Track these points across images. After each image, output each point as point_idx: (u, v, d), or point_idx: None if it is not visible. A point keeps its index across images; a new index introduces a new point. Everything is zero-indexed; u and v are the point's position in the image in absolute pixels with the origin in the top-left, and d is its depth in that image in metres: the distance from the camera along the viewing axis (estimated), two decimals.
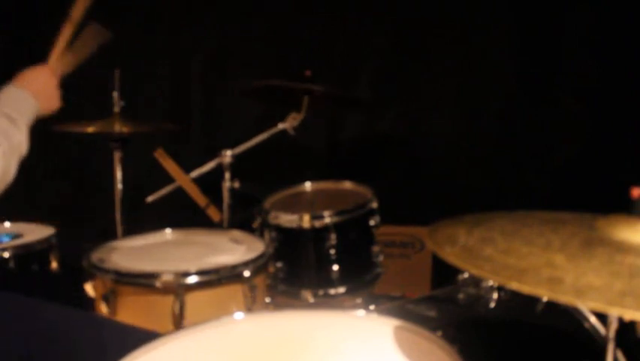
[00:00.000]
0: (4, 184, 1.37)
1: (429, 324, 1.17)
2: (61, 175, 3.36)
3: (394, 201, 2.51)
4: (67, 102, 1.67)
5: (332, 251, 2.21)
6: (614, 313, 0.80)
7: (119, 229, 2.60)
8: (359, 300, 2.29)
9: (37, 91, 1.53)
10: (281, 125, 2.47)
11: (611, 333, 1.02)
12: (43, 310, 1.41)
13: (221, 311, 1.50)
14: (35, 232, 2.25)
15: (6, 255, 2.11)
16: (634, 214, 0.93)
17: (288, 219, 2.23)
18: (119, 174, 2.58)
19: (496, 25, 3.18)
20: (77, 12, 1.69)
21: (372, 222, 2.30)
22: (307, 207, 2.33)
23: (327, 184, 2.55)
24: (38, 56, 1.63)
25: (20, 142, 1.41)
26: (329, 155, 3.43)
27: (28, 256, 2.17)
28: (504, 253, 0.89)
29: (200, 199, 2.53)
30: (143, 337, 1.10)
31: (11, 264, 2.12)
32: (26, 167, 1.45)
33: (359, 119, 3.38)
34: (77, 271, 1.80)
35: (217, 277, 1.70)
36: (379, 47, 3.32)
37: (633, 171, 2.69)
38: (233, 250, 1.90)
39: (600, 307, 0.75)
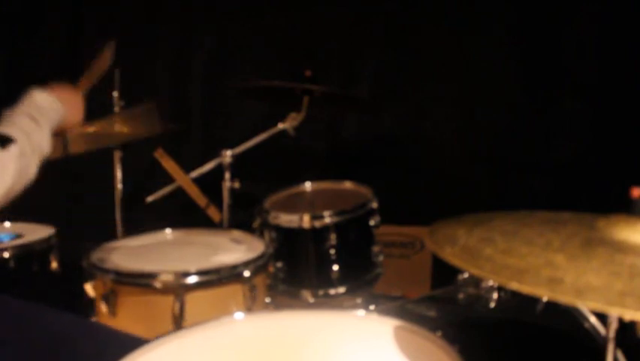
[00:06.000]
0: (23, 184, 1.38)
1: (429, 324, 1.17)
2: (61, 175, 3.36)
3: (394, 201, 2.51)
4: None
5: (332, 251, 2.21)
6: (614, 313, 0.80)
7: (119, 229, 2.60)
8: (359, 300, 2.29)
9: (63, 98, 1.56)
10: (281, 125, 2.47)
11: (611, 333, 1.02)
12: (41, 314, 1.41)
13: (221, 311, 1.49)
14: (35, 232, 2.25)
15: (6, 255, 2.11)
16: (634, 214, 0.93)
17: (288, 219, 2.23)
18: (119, 174, 2.58)
19: (497, 25, 3.18)
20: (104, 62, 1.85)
21: (372, 222, 2.30)
22: (307, 207, 2.33)
23: (327, 184, 2.55)
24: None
25: (41, 141, 1.43)
26: (329, 155, 3.43)
27: (28, 256, 2.17)
28: (504, 253, 0.89)
29: (200, 199, 2.53)
30: (141, 345, 1.09)
31: (11, 264, 2.12)
32: None
33: (359, 119, 3.37)
34: (77, 271, 1.80)
35: (217, 277, 1.70)
36: (379, 46, 3.32)
37: (633, 171, 2.68)
38: (233, 250, 1.90)
39: (600, 307, 0.75)
